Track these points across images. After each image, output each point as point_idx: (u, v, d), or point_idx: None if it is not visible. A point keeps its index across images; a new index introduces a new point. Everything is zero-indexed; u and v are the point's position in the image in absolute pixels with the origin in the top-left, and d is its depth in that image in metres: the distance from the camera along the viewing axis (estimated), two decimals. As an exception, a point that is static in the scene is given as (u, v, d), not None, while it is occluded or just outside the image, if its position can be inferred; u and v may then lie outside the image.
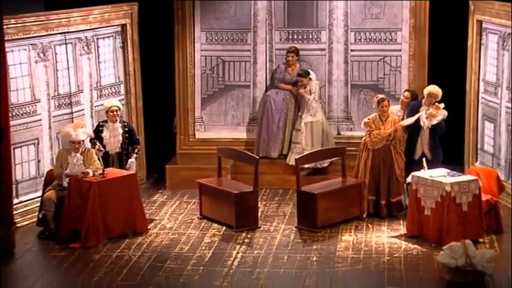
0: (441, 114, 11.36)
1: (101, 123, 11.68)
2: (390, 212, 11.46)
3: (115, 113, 11.56)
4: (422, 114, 11.38)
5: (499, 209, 10.94)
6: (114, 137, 11.53)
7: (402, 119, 11.55)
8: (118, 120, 11.61)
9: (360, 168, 11.49)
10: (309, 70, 12.96)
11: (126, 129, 11.67)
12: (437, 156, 11.41)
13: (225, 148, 12.21)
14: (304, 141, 12.77)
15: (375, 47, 13.28)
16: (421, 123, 11.38)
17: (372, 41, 13.29)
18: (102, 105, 12.20)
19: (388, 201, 11.45)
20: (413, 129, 11.45)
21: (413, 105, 11.66)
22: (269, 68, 13.49)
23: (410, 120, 11.43)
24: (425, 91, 11.54)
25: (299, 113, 12.95)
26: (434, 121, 11.34)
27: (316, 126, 12.81)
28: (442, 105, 11.41)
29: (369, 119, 11.55)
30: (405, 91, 12.19)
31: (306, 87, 12.78)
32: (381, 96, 11.66)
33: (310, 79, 12.79)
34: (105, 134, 11.54)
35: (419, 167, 11.06)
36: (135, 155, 11.73)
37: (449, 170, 10.84)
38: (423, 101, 11.51)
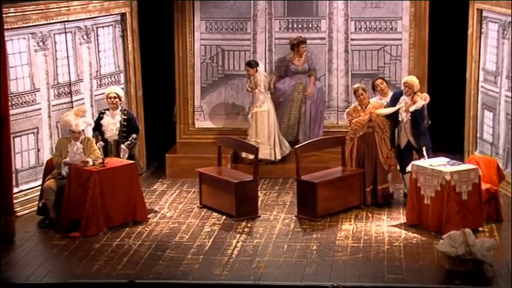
0: (420, 101, 11.30)
1: (103, 111, 11.67)
2: (376, 200, 11.48)
3: (113, 100, 11.52)
4: (401, 107, 11.35)
5: (499, 197, 10.95)
6: (112, 124, 11.53)
7: (386, 106, 11.56)
8: (119, 108, 11.59)
9: (346, 156, 11.53)
10: (258, 61, 12.93)
11: (125, 117, 11.63)
12: (425, 143, 11.34)
13: (225, 137, 12.21)
14: (250, 132, 12.77)
15: (375, 36, 13.27)
16: (399, 117, 11.36)
17: (372, 30, 13.27)
18: (102, 94, 12.21)
19: (375, 189, 11.47)
20: (393, 118, 11.45)
21: (395, 94, 11.65)
22: (268, 57, 13.47)
23: (388, 110, 11.39)
24: (402, 81, 11.57)
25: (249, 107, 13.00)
26: (413, 107, 11.29)
27: (260, 117, 12.77)
28: (423, 95, 11.37)
29: (349, 109, 11.62)
30: (375, 80, 12.12)
31: (251, 77, 12.72)
32: (356, 85, 11.69)
33: (257, 70, 12.73)
34: (104, 121, 11.54)
35: (410, 155, 11.09)
36: (127, 142, 11.47)
37: (449, 159, 10.84)
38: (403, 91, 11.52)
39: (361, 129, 11.41)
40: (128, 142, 11.55)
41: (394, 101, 11.52)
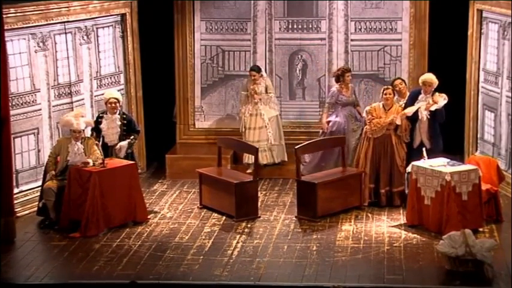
0: (441, 100, 11.31)
1: (101, 115, 11.66)
2: (391, 202, 11.47)
3: (113, 104, 11.53)
4: (422, 106, 11.35)
5: (499, 198, 10.95)
6: (112, 129, 11.52)
7: (404, 108, 11.53)
8: (117, 112, 11.57)
9: (361, 157, 11.51)
10: (260, 66, 12.85)
11: (125, 121, 11.62)
12: (437, 145, 11.38)
13: (225, 138, 12.21)
14: (272, 136, 12.67)
15: (375, 37, 13.27)
16: (419, 115, 11.35)
17: (372, 30, 13.27)
18: (102, 94, 12.21)
19: (390, 191, 11.46)
20: (412, 118, 11.45)
21: (413, 93, 11.65)
22: (268, 57, 13.47)
23: (413, 108, 11.39)
24: (420, 80, 11.54)
25: (249, 112, 12.64)
26: (434, 107, 11.30)
27: (279, 120, 12.85)
28: (442, 95, 11.39)
29: (371, 107, 11.58)
30: (394, 80, 12.09)
31: (258, 83, 12.59)
32: (385, 86, 11.70)
33: (261, 75, 12.68)
34: (104, 125, 11.53)
35: (419, 155, 11.08)
36: (128, 140, 11.54)
37: (449, 160, 10.85)
38: (422, 90, 11.50)
39: (380, 131, 11.38)
40: (129, 140, 11.55)
41: (411, 100, 11.49)
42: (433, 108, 11.28)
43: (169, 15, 13.41)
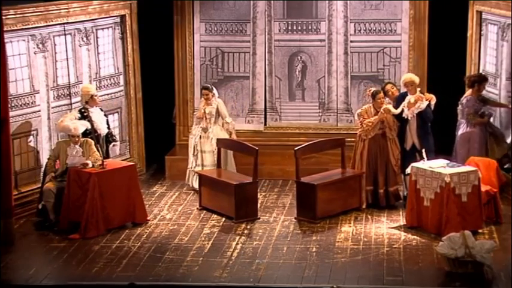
0: (423, 102, 11.33)
1: (83, 110, 11.67)
2: (388, 201, 11.49)
3: (98, 96, 11.76)
4: (404, 105, 11.38)
5: (498, 199, 10.95)
6: (101, 119, 11.72)
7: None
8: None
9: (357, 159, 11.53)
10: (213, 86, 12.47)
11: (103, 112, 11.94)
12: (428, 144, 11.35)
13: (224, 139, 12.20)
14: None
15: (374, 38, 13.26)
16: (404, 115, 11.38)
17: (372, 31, 13.27)
18: (102, 95, 12.22)
19: (386, 191, 11.48)
20: (402, 120, 11.46)
21: (400, 95, 11.68)
22: (268, 59, 13.47)
23: (398, 110, 11.42)
24: (401, 83, 11.63)
25: (199, 134, 12.17)
26: (416, 110, 11.33)
27: None
28: (427, 95, 11.41)
29: (362, 109, 11.60)
30: (386, 85, 12.07)
31: (209, 103, 12.14)
32: (374, 89, 11.69)
33: (213, 94, 12.27)
34: (96, 118, 11.61)
35: (413, 157, 11.10)
36: (116, 138, 12.06)
37: (448, 161, 10.85)
38: (407, 91, 11.55)
39: (372, 130, 11.40)
40: (118, 141, 12.05)
41: (399, 102, 11.53)
42: (416, 111, 11.31)
43: (168, 16, 13.41)
